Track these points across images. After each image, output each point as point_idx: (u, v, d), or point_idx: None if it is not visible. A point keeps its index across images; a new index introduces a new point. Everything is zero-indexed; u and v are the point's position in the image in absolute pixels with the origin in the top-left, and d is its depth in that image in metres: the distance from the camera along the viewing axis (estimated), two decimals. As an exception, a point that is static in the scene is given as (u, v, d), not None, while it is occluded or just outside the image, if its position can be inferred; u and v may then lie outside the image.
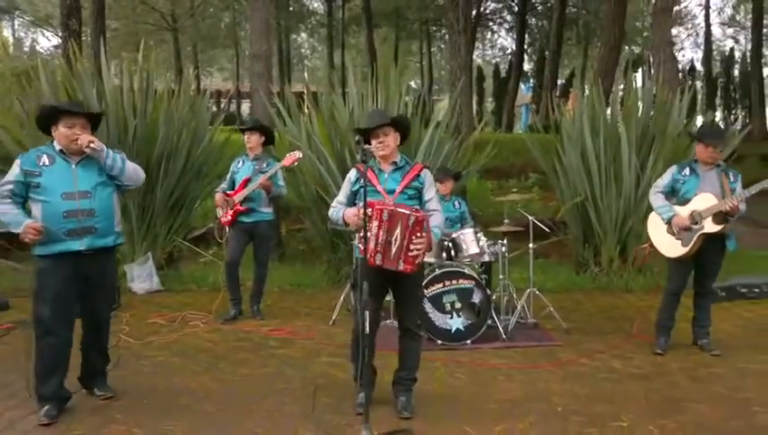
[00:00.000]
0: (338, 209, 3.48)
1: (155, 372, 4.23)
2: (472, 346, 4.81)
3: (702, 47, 25.91)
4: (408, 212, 3.22)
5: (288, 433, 3.22)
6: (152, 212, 7.15)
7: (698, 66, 26.11)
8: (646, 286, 6.84)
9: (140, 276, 6.85)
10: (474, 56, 28.76)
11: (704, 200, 4.37)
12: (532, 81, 27.66)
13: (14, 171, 3.42)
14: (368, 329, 2.99)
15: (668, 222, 4.45)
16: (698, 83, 25.39)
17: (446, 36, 14.61)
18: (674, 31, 29.48)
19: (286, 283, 7.27)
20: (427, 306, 4.86)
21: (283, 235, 8.95)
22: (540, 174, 10.82)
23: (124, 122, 6.90)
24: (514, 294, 5.57)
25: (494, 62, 32.34)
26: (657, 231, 4.61)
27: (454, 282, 4.90)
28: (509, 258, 5.68)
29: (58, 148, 3.46)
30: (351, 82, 7.18)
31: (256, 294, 5.81)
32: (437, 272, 4.94)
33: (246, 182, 5.59)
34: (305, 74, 37.08)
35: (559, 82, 28.16)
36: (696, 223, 4.35)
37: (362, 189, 3.23)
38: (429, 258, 5.14)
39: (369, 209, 3.11)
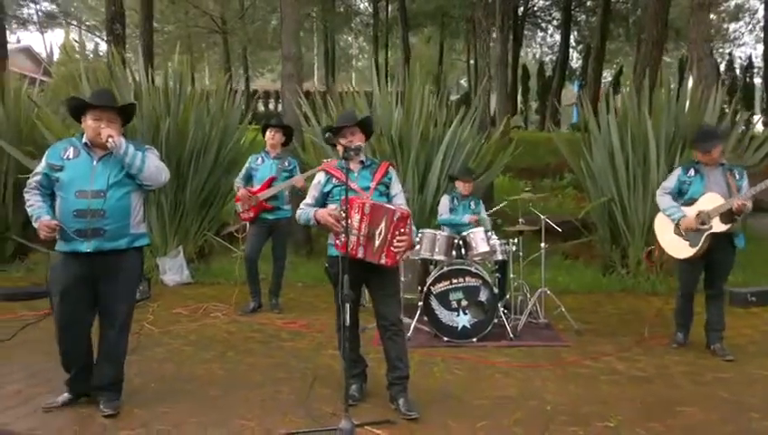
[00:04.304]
0: (306, 211, 3.47)
1: (168, 359, 4.46)
2: (477, 344, 4.84)
3: (763, 42, 24.55)
4: (393, 208, 3.31)
5: (276, 420, 3.34)
6: (183, 207, 7.49)
7: (758, 62, 24.79)
8: (675, 289, 6.65)
9: (171, 269, 7.19)
10: (521, 54, 28.36)
11: (710, 200, 4.31)
12: (582, 79, 27.02)
13: (42, 163, 3.36)
14: (348, 321, 3.09)
15: (677, 223, 4.39)
16: (757, 80, 24.18)
17: (492, 34, 14.47)
18: (733, 26, 28.22)
19: (311, 278, 7.46)
20: (434, 303, 4.92)
21: (313, 231, 9.15)
22: (575, 174, 10.64)
23: (156, 121, 7.25)
24: (528, 294, 5.56)
25: (543, 59, 31.73)
26: (664, 233, 4.56)
27: (461, 280, 4.94)
28: (530, 259, 5.67)
29: (84, 140, 3.37)
30: (375, 83, 7.29)
31: (275, 287, 6.03)
32: (444, 269, 4.99)
33: (272, 181, 5.79)
34: (353, 75, 37.47)
35: (608, 79, 27.45)
36: (704, 223, 4.28)
37: (334, 189, 3.42)
38: (439, 256, 5.20)
39: (348, 205, 3.19)
